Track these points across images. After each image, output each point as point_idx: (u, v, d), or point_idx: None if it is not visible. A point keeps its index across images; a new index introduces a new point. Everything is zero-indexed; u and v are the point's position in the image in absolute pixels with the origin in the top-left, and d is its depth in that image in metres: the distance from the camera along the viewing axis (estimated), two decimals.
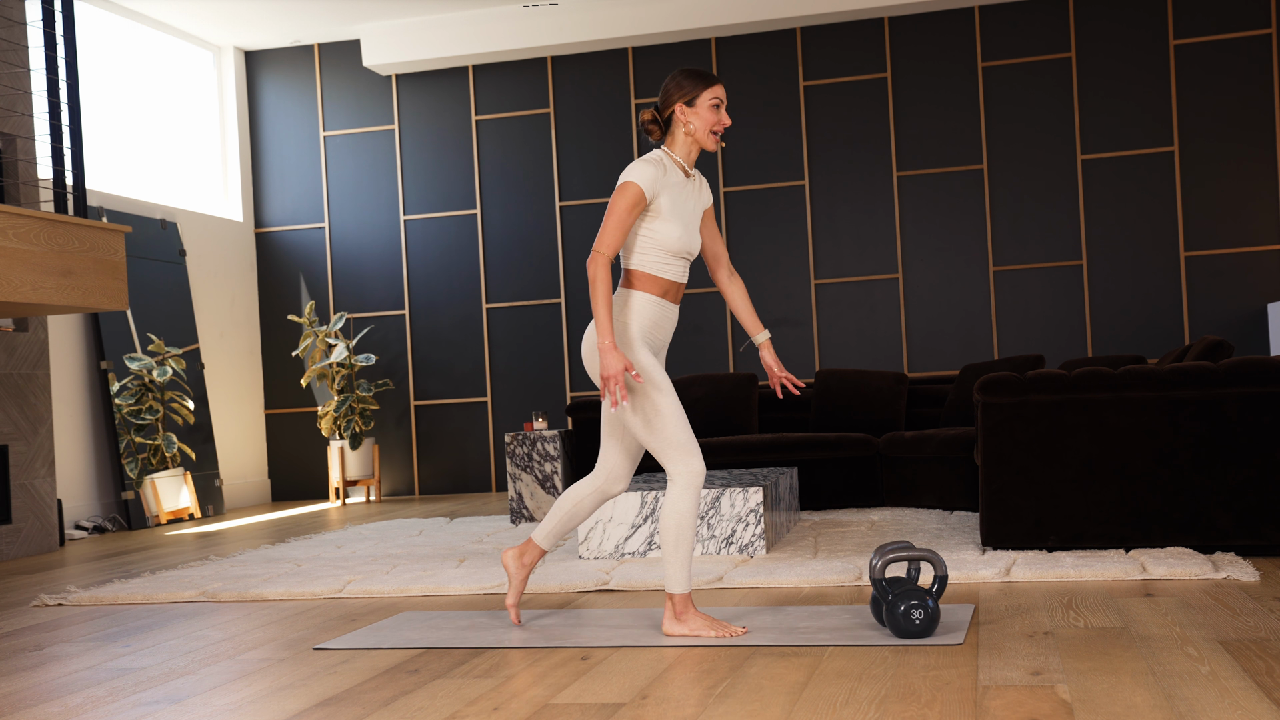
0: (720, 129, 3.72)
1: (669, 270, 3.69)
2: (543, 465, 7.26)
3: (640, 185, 3.61)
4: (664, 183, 3.65)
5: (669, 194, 3.66)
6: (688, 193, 3.74)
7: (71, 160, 6.32)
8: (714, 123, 3.69)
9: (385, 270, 10.24)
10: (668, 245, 3.67)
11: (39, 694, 3.39)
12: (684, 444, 3.61)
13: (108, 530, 8.30)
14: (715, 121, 3.69)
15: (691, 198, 3.76)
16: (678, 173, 3.72)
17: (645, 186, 3.61)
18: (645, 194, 3.62)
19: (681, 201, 3.70)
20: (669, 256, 3.69)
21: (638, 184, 3.61)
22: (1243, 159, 8.97)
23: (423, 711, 2.96)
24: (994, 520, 4.98)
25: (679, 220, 3.67)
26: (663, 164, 3.69)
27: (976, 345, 9.32)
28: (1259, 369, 4.77)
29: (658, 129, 3.74)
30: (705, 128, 3.69)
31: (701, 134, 3.70)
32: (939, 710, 2.73)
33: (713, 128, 3.70)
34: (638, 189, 3.61)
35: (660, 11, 9.48)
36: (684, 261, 3.73)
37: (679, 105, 3.70)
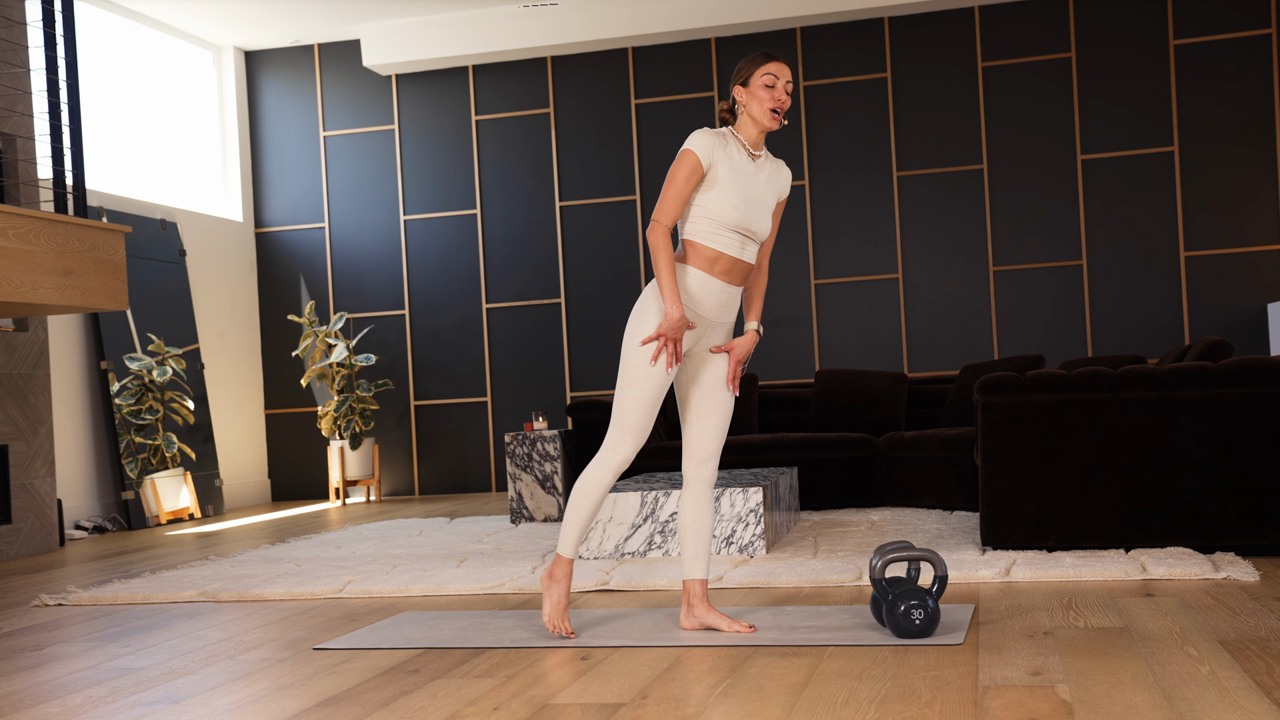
0: (776, 106, 3.64)
1: (719, 240, 3.62)
2: (543, 465, 7.26)
3: (696, 152, 3.58)
4: (723, 154, 3.61)
5: (727, 166, 3.61)
6: (754, 172, 3.67)
7: (71, 160, 6.32)
8: (768, 100, 3.63)
9: (385, 270, 10.24)
10: (719, 215, 3.61)
11: (39, 694, 3.39)
12: (629, 427, 3.63)
13: (108, 530, 8.30)
14: (769, 99, 3.63)
15: (759, 179, 3.68)
16: (741, 152, 3.66)
17: (701, 154, 3.58)
18: (702, 161, 3.58)
19: (743, 178, 3.64)
20: (719, 227, 3.62)
21: (694, 151, 3.59)
22: (1243, 159, 8.97)
23: (423, 711, 2.96)
24: (994, 520, 4.98)
25: (737, 192, 3.62)
26: (724, 136, 3.66)
27: (976, 345, 9.32)
28: (1259, 369, 4.77)
29: (731, 116, 3.72)
30: (760, 106, 3.64)
31: (757, 113, 3.64)
32: (939, 710, 2.73)
33: (768, 105, 3.63)
34: (694, 156, 3.58)
35: (660, 11, 9.48)
36: (739, 236, 3.64)
37: (736, 88, 3.69)
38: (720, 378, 3.74)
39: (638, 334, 3.62)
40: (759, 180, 3.68)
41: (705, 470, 3.76)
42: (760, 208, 3.66)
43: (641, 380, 3.61)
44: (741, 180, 3.63)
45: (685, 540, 3.78)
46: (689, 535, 3.78)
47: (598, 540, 5.46)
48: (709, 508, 3.78)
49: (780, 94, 3.64)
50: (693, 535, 3.77)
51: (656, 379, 3.61)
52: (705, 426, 3.75)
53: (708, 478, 3.77)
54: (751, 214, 3.64)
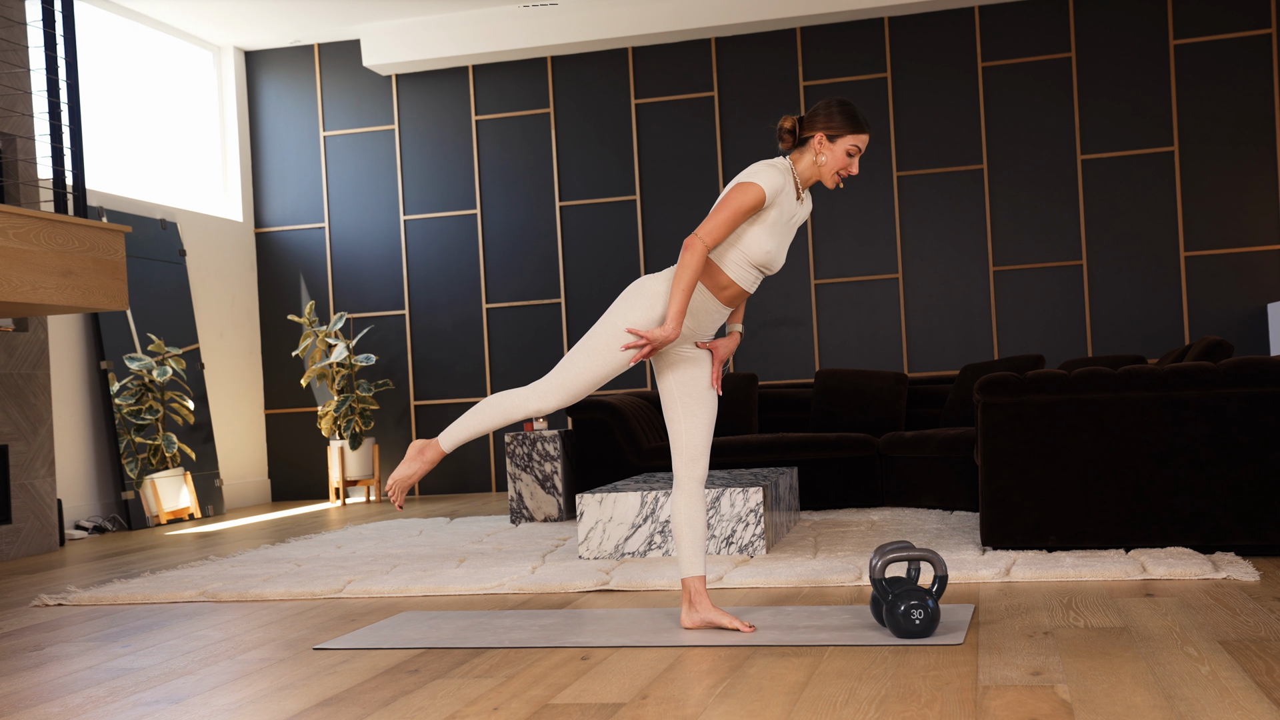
0: (846, 174, 3.70)
1: (738, 273, 3.67)
2: (543, 465, 7.26)
3: (767, 191, 3.59)
4: (782, 197, 3.65)
5: (779, 210, 3.65)
6: (793, 212, 3.73)
7: (71, 160, 6.32)
8: (843, 166, 3.67)
9: (385, 270, 10.24)
10: (751, 252, 3.64)
11: (39, 694, 3.39)
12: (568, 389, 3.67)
13: (108, 530, 8.29)
14: (844, 166, 3.67)
15: (795, 218, 3.75)
16: (792, 192, 3.70)
17: (770, 194, 3.60)
18: (767, 196, 3.59)
19: (786, 223, 3.70)
20: (745, 262, 3.67)
21: (765, 190, 3.59)
22: (1243, 159, 8.97)
23: (423, 711, 2.96)
24: (994, 520, 4.98)
25: (776, 237, 3.66)
26: (786, 174, 3.67)
27: (976, 345, 9.32)
28: (1259, 369, 4.77)
29: (791, 139, 3.72)
30: (833, 167, 3.67)
31: (828, 171, 3.67)
32: (939, 710, 2.73)
33: (839, 170, 3.68)
34: (761, 194, 3.58)
35: (660, 11, 9.48)
36: (758, 273, 3.70)
37: (821, 135, 3.67)
38: (705, 377, 3.79)
39: (622, 319, 3.66)
40: (797, 218, 3.76)
41: (696, 468, 3.78)
42: (787, 248, 3.75)
43: (602, 357, 3.66)
44: (784, 226, 3.68)
45: (681, 538, 3.80)
46: (685, 533, 3.79)
47: (598, 540, 5.46)
48: (702, 505, 3.81)
49: (854, 165, 3.70)
50: (689, 533, 3.79)
51: (614, 364, 3.66)
52: (693, 425, 3.78)
53: (699, 475, 3.79)
54: (779, 257, 3.71)
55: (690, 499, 3.79)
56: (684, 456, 3.78)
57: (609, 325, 3.68)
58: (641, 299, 3.68)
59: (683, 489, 3.79)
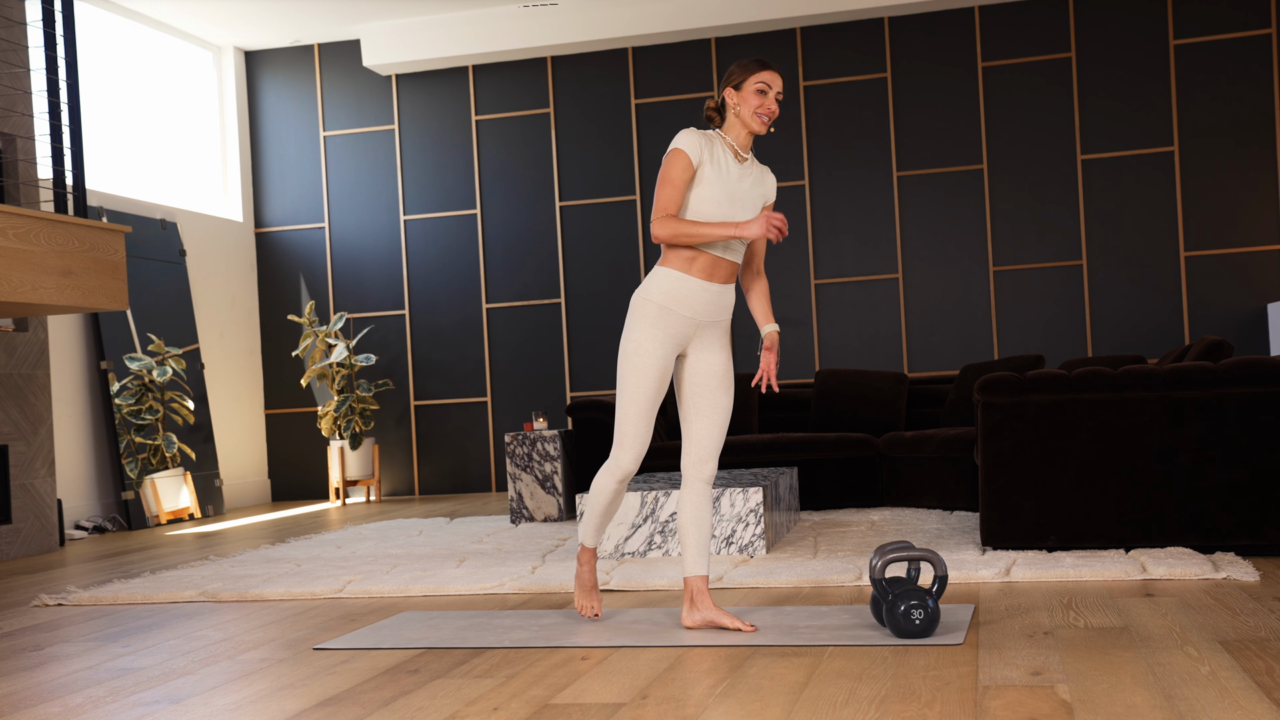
0: (765, 113, 3.72)
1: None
2: (543, 465, 7.26)
3: (686, 151, 3.66)
4: (709, 154, 3.69)
5: (712, 166, 3.69)
6: (740, 175, 3.75)
7: (71, 160, 6.32)
8: (757, 106, 3.71)
9: (385, 270, 10.24)
10: (702, 213, 3.68)
11: (39, 694, 3.39)
12: (624, 435, 3.72)
13: (108, 530, 8.30)
14: (759, 105, 3.71)
15: (745, 183, 3.75)
16: (727, 153, 3.74)
17: (691, 152, 3.66)
18: (692, 159, 3.66)
19: (728, 179, 3.72)
20: None
21: (684, 149, 3.66)
22: (1243, 159, 8.97)
23: (423, 711, 2.96)
24: (994, 520, 4.98)
25: (722, 192, 3.69)
26: (710, 137, 3.73)
27: (976, 345, 9.32)
28: (1259, 369, 4.77)
29: (718, 115, 3.79)
30: (749, 109, 3.71)
31: (747, 116, 3.72)
32: (939, 710, 2.73)
33: (757, 111, 3.71)
34: (684, 154, 3.66)
35: (660, 11, 9.48)
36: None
37: (728, 90, 3.75)
38: (716, 373, 3.78)
39: (627, 346, 3.71)
40: (744, 184, 3.75)
41: (705, 469, 3.79)
42: (744, 210, 3.73)
43: (630, 389, 3.70)
44: (726, 181, 3.71)
45: (686, 538, 3.80)
46: (690, 533, 3.79)
47: None
48: (708, 506, 3.82)
49: (771, 102, 3.73)
50: (694, 533, 3.79)
51: (644, 387, 3.68)
52: (704, 425, 3.78)
53: (707, 476, 3.79)
54: (735, 214, 3.70)
55: (697, 499, 3.79)
56: (693, 456, 3.79)
57: (621, 356, 3.73)
58: (632, 317, 3.73)
59: (691, 489, 3.80)
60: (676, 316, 3.70)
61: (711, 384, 3.77)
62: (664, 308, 3.69)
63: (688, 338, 3.74)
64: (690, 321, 3.72)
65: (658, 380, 3.69)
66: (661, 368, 3.70)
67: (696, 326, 3.73)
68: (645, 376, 3.68)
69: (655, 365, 3.68)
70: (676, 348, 3.74)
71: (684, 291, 3.70)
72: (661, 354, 3.69)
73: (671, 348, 3.72)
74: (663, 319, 3.69)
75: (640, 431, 3.71)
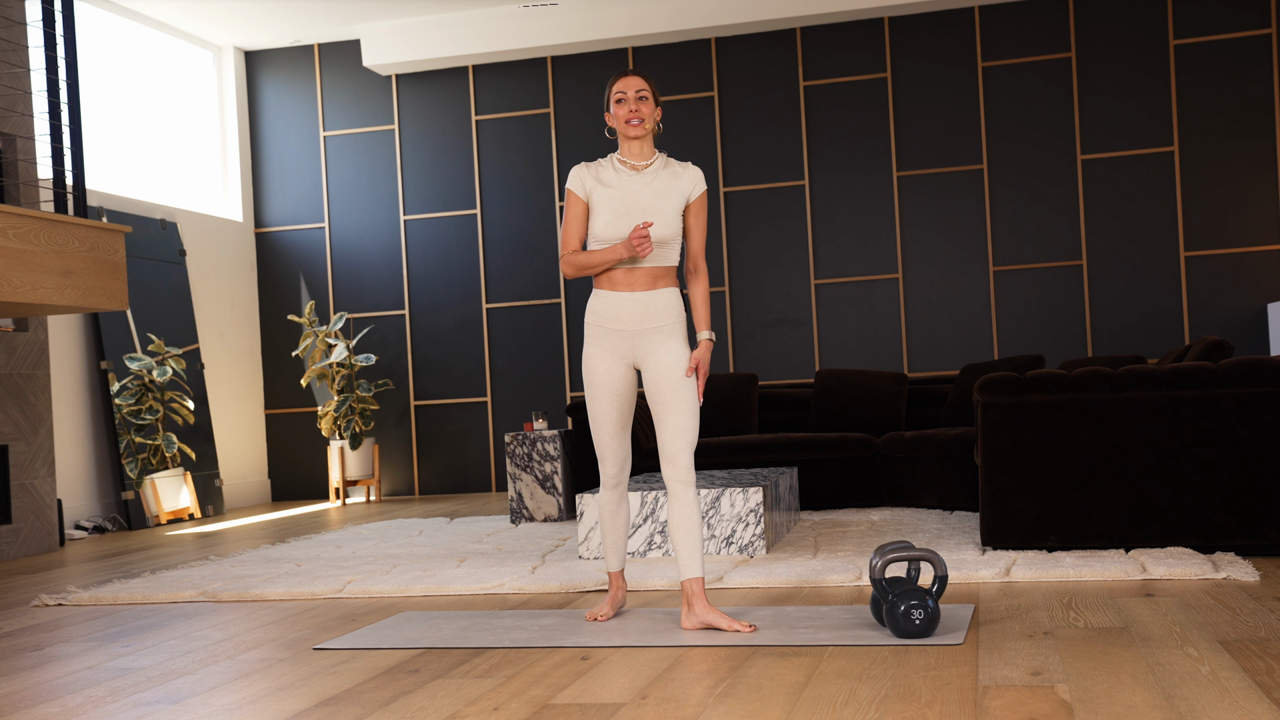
0: (631, 118, 3.83)
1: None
2: (543, 465, 7.26)
3: (572, 189, 3.88)
4: (594, 181, 3.86)
5: (601, 190, 3.85)
6: (636, 184, 3.85)
7: (71, 160, 6.32)
8: (622, 116, 3.85)
9: (385, 270, 10.24)
10: (601, 235, 3.84)
11: (39, 694, 3.39)
12: (600, 449, 3.93)
13: (108, 530, 8.29)
14: (622, 114, 3.85)
15: (649, 190, 3.84)
16: (617, 171, 3.86)
17: (576, 189, 3.88)
18: (578, 194, 3.87)
19: (621, 193, 3.83)
20: (597, 244, 3.87)
21: (569, 188, 3.89)
22: (1243, 159, 8.97)
23: (423, 711, 2.96)
24: (994, 520, 4.98)
25: (618, 208, 3.82)
26: (598, 165, 3.90)
27: (976, 345, 9.32)
28: (1259, 369, 4.77)
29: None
30: (619, 123, 3.87)
31: (618, 126, 3.87)
32: (939, 710, 2.73)
33: (622, 119, 3.85)
34: (571, 193, 3.89)
35: (660, 11, 9.48)
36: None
37: (606, 114, 3.94)
38: (667, 380, 3.82)
39: (584, 366, 3.91)
40: (648, 191, 3.84)
41: (673, 469, 3.81)
42: (648, 215, 3.81)
43: (592, 405, 3.90)
44: (618, 195, 3.83)
45: (675, 542, 3.83)
46: (678, 537, 3.82)
47: (598, 540, 5.45)
48: (692, 506, 3.81)
49: (631, 105, 3.85)
50: (682, 537, 3.81)
51: (602, 402, 3.86)
52: (663, 428, 3.83)
53: (679, 476, 3.80)
54: (621, 225, 3.82)
55: (678, 502, 3.81)
56: (664, 459, 3.85)
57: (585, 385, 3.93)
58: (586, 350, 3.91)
59: (670, 493, 3.84)
60: (609, 331, 3.84)
61: (663, 386, 3.82)
62: (598, 325, 3.87)
63: (630, 348, 3.85)
64: (623, 334, 3.84)
65: (611, 392, 3.85)
66: (611, 380, 3.85)
67: (633, 336, 3.83)
68: (600, 391, 3.86)
69: (606, 379, 3.85)
70: (623, 359, 3.86)
71: (608, 306, 3.85)
72: (608, 367, 3.85)
73: (617, 359, 3.85)
74: (600, 336, 3.86)
75: (612, 444, 3.90)
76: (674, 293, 3.87)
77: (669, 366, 3.81)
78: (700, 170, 3.94)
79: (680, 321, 3.86)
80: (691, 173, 3.90)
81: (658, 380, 3.82)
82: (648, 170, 3.85)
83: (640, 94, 3.82)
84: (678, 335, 3.84)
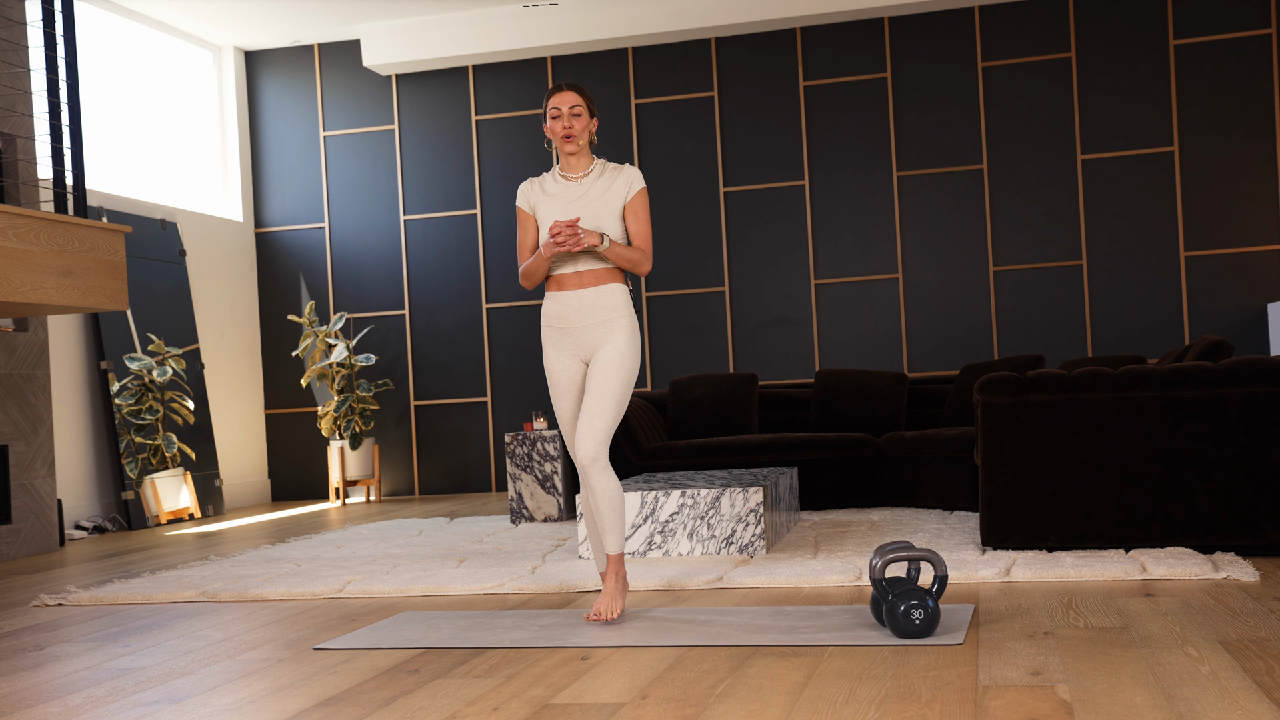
0: (563, 133, 4.01)
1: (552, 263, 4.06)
2: (543, 465, 7.26)
3: (519, 204, 4.12)
4: (538, 194, 4.09)
5: (547, 200, 4.07)
6: (577, 193, 4.05)
7: (71, 160, 6.32)
8: (556, 131, 4.03)
9: (385, 270, 10.24)
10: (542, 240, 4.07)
11: (39, 694, 3.39)
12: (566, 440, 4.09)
13: (108, 530, 8.29)
14: (556, 130, 4.03)
15: (588, 196, 4.04)
16: (557, 182, 4.08)
17: (521, 203, 4.12)
18: (525, 209, 4.11)
19: (559, 202, 4.05)
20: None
21: (517, 204, 4.13)
22: (1243, 159, 8.97)
23: (423, 711, 2.96)
24: (994, 520, 4.98)
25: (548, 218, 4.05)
26: (541, 179, 4.11)
27: (976, 345, 9.32)
28: (1259, 369, 4.77)
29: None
30: (555, 138, 4.05)
31: (556, 143, 4.06)
32: (939, 710, 2.74)
33: (558, 134, 4.03)
34: (518, 208, 4.13)
35: (660, 11, 9.48)
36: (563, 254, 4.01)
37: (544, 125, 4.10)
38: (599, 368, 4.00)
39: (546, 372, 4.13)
40: (587, 197, 4.05)
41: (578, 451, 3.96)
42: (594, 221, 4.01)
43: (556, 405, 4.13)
44: (558, 206, 4.05)
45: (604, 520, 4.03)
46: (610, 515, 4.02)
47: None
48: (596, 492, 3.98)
49: (565, 121, 4.03)
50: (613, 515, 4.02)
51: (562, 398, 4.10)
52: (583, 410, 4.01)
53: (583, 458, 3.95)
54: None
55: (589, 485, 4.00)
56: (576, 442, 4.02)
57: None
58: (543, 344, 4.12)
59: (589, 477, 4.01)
60: (559, 330, 4.06)
61: (595, 376, 4.00)
62: (548, 326, 4.08)
63: (578, 345, 4.05)
64: (569, 331, 4.05)
65: (570, 388, 4.06)
66: (569, 377, 4.06)
67: (579, 333, 4.04)
68: (560, 389, 4.07)
69: (563, 376, 4.06)
70: (575, 355, 4.06)
71: (557, 306, 4.06)
72: (564, 365, 4.06)
73: (570, 356, 4.06)
74: (552, 336, 4.07)
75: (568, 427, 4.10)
76: (618, 289, 4.05)
77: (605, 357, 4.01)
78: (637, 170, 4.11)
79: (626, 316, 4.05)
80: (627, 174, 4.07)
81: (595, 367, 4.02)
82: (585, 179, 4.06)
83: (574, 110, 3.99)
84: (624, 329, 4.03)
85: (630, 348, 4.00)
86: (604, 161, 4.09)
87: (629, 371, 4.00)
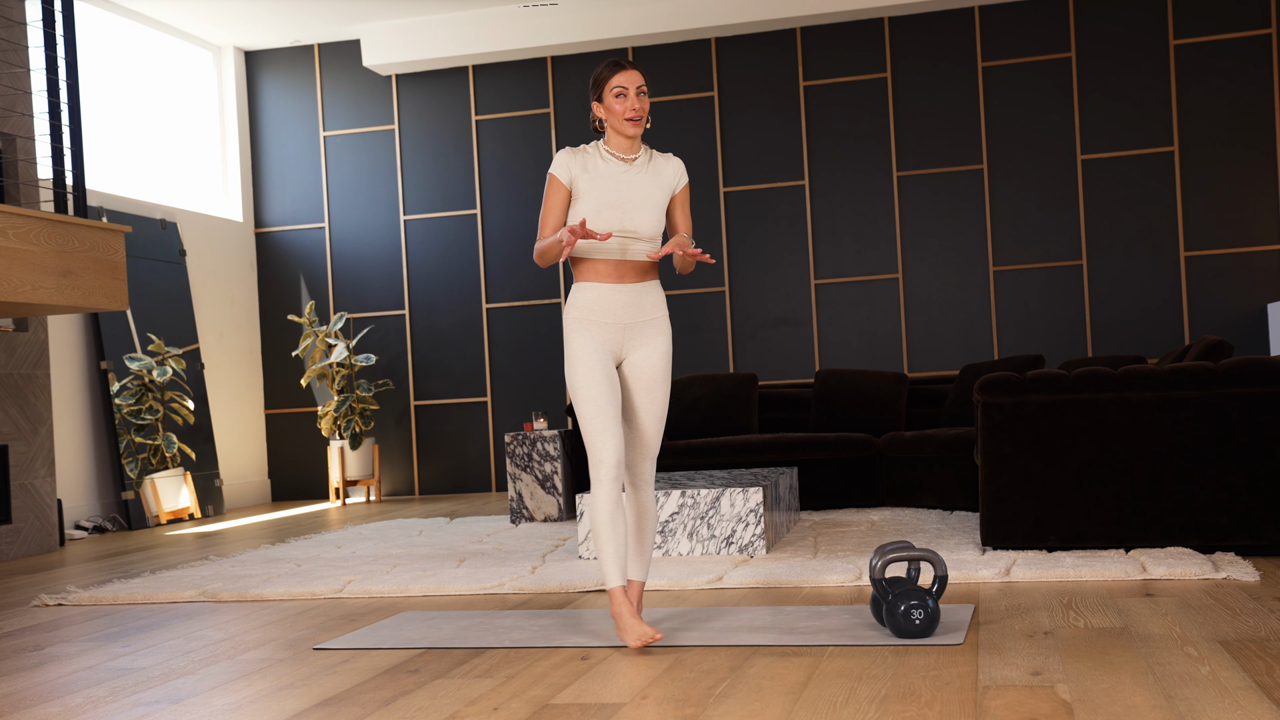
0: (633, 115, 3.74)
1: (593, 250, 3.74)
2: (543, 465, 7.26)
3: (555, 174, 3.76)
4: (580, 168, 3.76)
5: (588, 178, 3.75)
6: (627, 176, 3.77)
7: (71, 160, 6.32)
8: (622, 112, 3.75)
9: (385, 270, 10.24)
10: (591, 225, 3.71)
11: (39, 694, 3.39)
12: (594, 435, 3.67)
13: (108, 530, 8.29)
14: (623, 110, 3.75)
15: (636, 180, 3.78)
16: (605, 160, 3.77)
17: (561, 174, 3.76)
18: (562, 180, 3.75)
19: (611, 185, 3.75)
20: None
21: (553, 173, 3.77)
22: (1243, 159, 8.97)
23: (423, 711, 2.96)
24: (994, 520, 4.98)
25: (604, 199, 3.73)
26: (584, 152, 3.79)
27: (976, 345, 9.31)
28: (1259, 369, 4.77)
29: (601, 126, 3.84)
30: (617, 116, 3.76)
31: (615, 121, 3.77)
32: (939, 710, 2.73)
33: (622, 114, 3.75)
34: (554, 178, 3.76)
35: (660, 11, 9.48)
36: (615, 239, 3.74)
37: (594, 104, 3.82)
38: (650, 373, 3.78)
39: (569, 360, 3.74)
40: (635, 182, 3.78)
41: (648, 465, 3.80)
42: (637, 208, 3.75)
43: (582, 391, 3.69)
44: (606, 185, 3.75)
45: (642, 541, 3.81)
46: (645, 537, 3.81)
47: None
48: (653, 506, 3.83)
49: (633, 102, 3.76)
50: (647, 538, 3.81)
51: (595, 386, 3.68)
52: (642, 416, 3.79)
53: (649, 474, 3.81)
54: (626, 216, 3.73)
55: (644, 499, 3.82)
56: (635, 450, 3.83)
57: (568, 374, 3.76)
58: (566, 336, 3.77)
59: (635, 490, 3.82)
60: (599, 324, 3.74)
61: (650, 376, 3.79)
62: (586, 319, 3.74)
63: (618, 342, 3.76)
64: (614, 326, 3.75)
65: (604, 376, 3.69)
66: (604, 366, 3.71)
67: (624, 330, 3.76)
68: (592, 376, 3.68)
69: (597, 364, 3.69)
70: (611, 352, 3.75)
71: (597, 299, 3.75)
72: (600, 355, 3.71)
73: (605, 350, 3.74)
74: (588, 329, 3.73)
75: (609, 425, 3.66)
76: (660, 286, 3.86)
77: (653, 363, 3.79)
78: (681, 161, 3.91)
79: (667, 316, 3.85)
80: (674, 164, 3.87)
81: (643, 370, 3.78)
82: (635, 163, 3.80)
83: (641, 89, 3.75)
84: (665, 330, 3.83)
85: (670, 354, 3.84)
86: (647, 146, 3.88)
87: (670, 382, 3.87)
